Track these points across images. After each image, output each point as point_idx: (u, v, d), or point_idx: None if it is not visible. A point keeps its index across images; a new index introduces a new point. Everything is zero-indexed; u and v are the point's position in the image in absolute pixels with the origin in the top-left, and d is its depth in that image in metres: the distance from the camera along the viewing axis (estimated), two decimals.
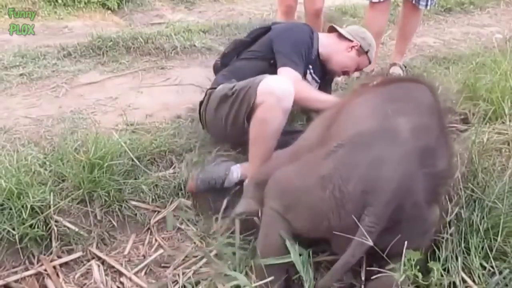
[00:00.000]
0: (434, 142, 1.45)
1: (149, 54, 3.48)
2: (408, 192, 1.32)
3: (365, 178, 1.33)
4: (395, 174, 1.31)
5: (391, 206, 1.30)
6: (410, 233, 1.36)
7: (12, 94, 2.79)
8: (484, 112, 2.17)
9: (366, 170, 1.34)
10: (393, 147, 1.36)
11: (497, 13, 5.38)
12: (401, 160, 1.33)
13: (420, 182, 1.35)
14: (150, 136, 2.28)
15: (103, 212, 1.89)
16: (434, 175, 1.41)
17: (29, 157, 1.98)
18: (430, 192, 1.40)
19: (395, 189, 1.30)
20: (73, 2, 4.59)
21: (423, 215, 1.40)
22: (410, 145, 1.36)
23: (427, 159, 1.38)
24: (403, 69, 3.32)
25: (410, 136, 1.37)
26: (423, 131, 1.43)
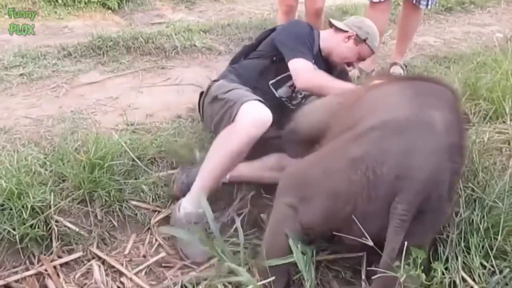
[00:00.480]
0: (459, 139, 1.48)
1: (150, 54, 3.47)
2: (437, 184, 1.33)
3: (399, 164, 1.33)
4: (428, 164, 1.32)
5: (422, 195, 1.30)
6: (431, 225, 1.39)
7: (12, 94, 2.79)
8: (484, 111, 2.17)
9: (400, 156, 1.34)
10: (427, 138, 1.37)
11: (497, 12, 5.37)
12: (434, 151, 1.35)
13: (446, 176, 1.37)
14: (151, 136, 2.28)
15: (104, 212, 1.90)
16: (456, 171, 1.44)
17: (29, 157, 1.98)
18: (451, 187, 1.42)
19: (426, 179, 1.31)
20: (73, 2, 4.60)
21: (444, 208, 1.41)
22: (443, 139, 1.38)
23: (453, 154, 1.41)
24: (403, 69, 3.31)
25: (444, 130, 1.39)
26: (452, 127, 1.44)
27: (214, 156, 1.86)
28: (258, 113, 1.86)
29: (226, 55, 3.61)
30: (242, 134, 1.82)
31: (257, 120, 1.83)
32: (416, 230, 1.34)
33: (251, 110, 1.87)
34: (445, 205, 1.41)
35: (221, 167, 1.85)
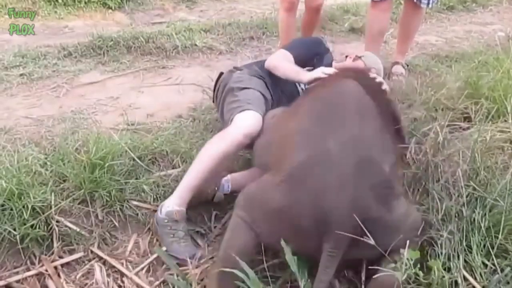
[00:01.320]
0: (373, 146, 1.50)
1: (150, 53, 3.48)
2: (358, 211, 1.36)
3: (313, 213, 1.38)
4: (339, 200, 1.37)
5: (346, 230, 1.34)
6: (384, 237, 1.39)
7: (12, 95, 2.79)
8: (486, 110, 2.16)
9: (312, 204, 1.39)
10: (328, 174, 1.41)
11: (499, 11, 5.35)
12: (340, 184, 1.38)
13: (367, 194, 1.39)
14: (151, 136, 2.28)
15: (105, 212, 1.89)
16: (382, 179, 1.45)
17: (29, 157, 1.98)
18: (383, 195, 1.43)
19: (343, 215, 1.35)
20: (74, 2, 4.59)
21: (386, 218, 1.42)
22: (344, 166, 1.41)
23: (367, 169, 1.42)
24: (405, 68, 3.30)
25: (343, 156, 1.43)
26: (356, 142, 1.47)
27: (202, 157, 1.90)
28: (249, 122, 1.94)
29: (227, 55, 3.62)
30: (229, 139, 1.90)
31: (246, 129, 1.92)
32: (381, 245, 1.38)
33: (245, 120, 1.95)
34: (386, 215, 1.42)
35: (208, 168, 1.88)
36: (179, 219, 1.81)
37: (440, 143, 1.92)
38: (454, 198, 1.67)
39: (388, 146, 1.60)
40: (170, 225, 1.80)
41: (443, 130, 1.94)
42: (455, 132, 2.11)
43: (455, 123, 2.18)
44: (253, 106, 2.03)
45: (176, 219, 1.81)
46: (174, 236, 1.79)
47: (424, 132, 2.13)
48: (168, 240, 1.80)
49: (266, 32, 4.06)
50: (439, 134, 1.95)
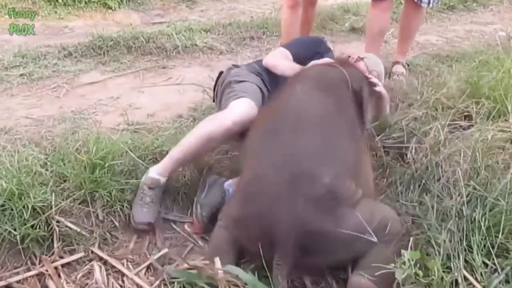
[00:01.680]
0: (307, 160, 1.53)
1: (150, 53, 3.48)
2: (297, 225, 1.42)
3: (259, 228, 1.48)
4: (279, 217, 1.44)
5: (289, 243, 1.43)
6: (335, 246, 1.47)
7: (12, 95, 2.80)
8: (487, 109, 2.16)
9: (257, 220, 1.49)
10: (267, 192, 1.50)
11: (500, 10, 5.34)
12: (277, 201, 1.46)
13: (304, 208, 1.44)
14: (152, 136, 2.28)
15: (105, 212, 1.88)
16: (319, 192, 1.47)
17: (30, 157, 1.98)
18: (325, 207, 1.47)
19: (284, 230, 1.43)
20: (74, 2, 4.60)
21: (330, 229, 1.45)
22: (279, 184, 1.48)
23: (301, 184, 1.47)
24: (406, 68, 3.30)
25: (278, 174, 1.50)
26: (289, 158, 1.53)
27: (190, 134, 1.95)
28: (243, 111, 1.93)
29: (228, 55, 3.62)
30: (217, 121, 1.91)
31: (238, 117, 1.91)
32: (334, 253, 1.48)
33: (238, 107, 1.96)
34: (332, 224, 1.45)
35: (194, 144, 1.92)
36: (153, 186, 1.90)
37: (440, 142, 1.91)
38: (454, 198, 1.67)
39: (332, 156, 1.59)
40: (143, 189, 1.90)
41: (444, 129, 1.94)
42: (455, 131, 2.10)
43: (455, 122, 2.17)
44: (248, 95, 2.04)
45: (150, 186, 1.89)
46: (142, 200, 1.89)
47: (425, 132, 2.14)
48: (135, 201, 1.90)
49: (267, 32, 4.06)
50: (440, 133, 1.95)
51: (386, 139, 2.17)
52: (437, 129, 2.02)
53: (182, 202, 2.03)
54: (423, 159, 1.97)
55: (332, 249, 1.48)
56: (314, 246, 1.46)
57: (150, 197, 1.89)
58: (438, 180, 1.78)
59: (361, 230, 1.46)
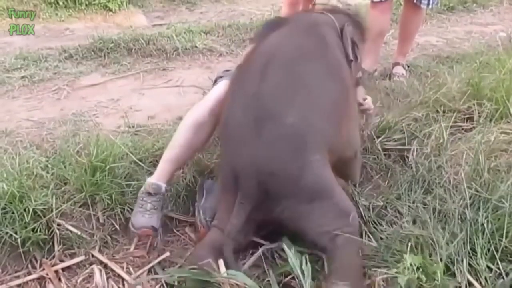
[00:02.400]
0: (273, 102, 1.55)
1: (151, 55, 3.48)
2: (259, 164, 1.47)
3: (229, 168, 1.59)
4: (242, 157, 1.52)
5: (251, 184, 1.48)
6: (297, 199, 1.49)
7: (14, 97, 2.80)
8: (489, 111, 2.15)
9: (227, 160, 1.62)
10: (235, 134, 1.58)
11: (500, 11, 5.34)
12: (242, 142, 1.53)
13: (267, 148, 1.48)
14: (152, 138, 2.27)
15: (106, 215, 1.87)
16: (284, 133, 1.50)
17: (31, 160, 1.97)
18: (289, 149, 1.49)
19: (246, 169, 1.49)
20: (75, 4, 4.59)
21: (294, 173, 1.48)
22: (245, 126, 1.53)
23: (266, 123, 1.50)
24: (406, 69, 3.30)
25: (244, 115, 1.55)
26: (260, 96, 1.55)
27: (179, 129, 1.91)
28: (223, 90, 1.86)
29: (227, 56, 3.61)
30: (204, 106, 1.87)
31: (219, 96, 1.86)
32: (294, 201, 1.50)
33: (220, 87, 1.92)
34: (297, 172, 1.48)
35: (184, 137, 1.87)
36: (152, 191, 1.83)
37: (443, 144, 1.91)
38: (457, 200, 1.66)
39: (301, 97, 1.58)
40: (142, 197, 1.84)
41: (447, 131, 1.93)
42: (457, 133, 2.10)
43: (457, 124, 2.17)
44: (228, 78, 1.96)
45: (149, 191, 1.83)
46: (142, 207, 1.82)
47: (426, 133, 2.13)
48: (135, 210, 1.83)
49: None
50: (443, 135, 1.95)
51: (386, 141, 2.16)
52: (439, 131, 2.01)
53: (184, 204, 2.02)
54: (425, 161, 1.96)
55: (291, 199, 1.48)
56: (275, 189, 1.48)
57: (151, 204, 1.81)
58: (440, 182, 1.77)
59: (324, 190, 1.52)
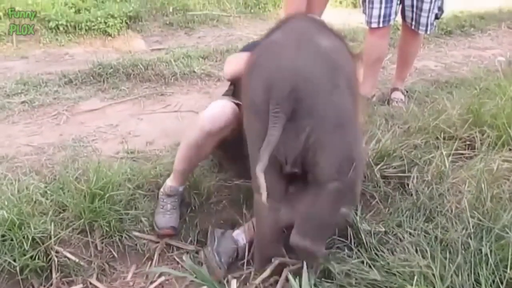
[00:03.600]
0: (317, 34, 1.65)
1: (149, 80, 3.50)
2: (296, 77, 1.50)
3: (260, 81, 1.56)
4: (279, 68, 1.53)
5: (285, 88, 1.49)
6: (324, 113, 1.54)
7: (14, 122, 2.80)
8: (490, 138, 2.15)
9: (259, 73, 1.59)
10: (274, 53, 1.60)
11: (498, 35, 5.39)
12: (281, 57, 1.55)
13: (305, 61, 1.53)
14: (150, 165, 2.26)
15: (104, 243, 1.86)
16: (323, 50, 1.58)
17: (30, 186, 1.98)
18: (325, 72, 1.55)
19: (282, 79, 1.50)
20: (74, 29, 4.63)
21: (324, 95, 1.54)
22: (286, 46, 1.57)
23: (306, 44, 1.58)
24: (404, 94, 3.31)
25: (286, 39, 1.61)
26: (301, 32, 1.65)
27: (182, 144, 1.95)
28: (216, 109, 1.86)
29: (225, 81, 3.62)
30: (198, 128, 1.85)
31: (213, 116, 1.83)
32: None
33: (213, 107, 1.89)
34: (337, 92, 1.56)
35: (183, 155, 1.93)
36: (171, 193, 1.99)
37: (444, 172, 1.90)
38: (460, 229, 1.64)
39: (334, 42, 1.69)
40: (163, 198, 2.00)
41: (449, 158, 1.93)
42: (458, 161, 2.09)
43: (458, 152, 2.16)
44: (229, 98, 1.98)
45: (168, 193, 1.99)
46: (163, 208, 1.98)
47: (426, 161, 2.13)
48: (157, 210, 1.99)
49: None
50: (445, 162, 1.94)
51: (386, 168, 2.15)
52: (439, 158, 2.00)
53: (184, 230, 2.00)
54: (425, 188, 1.95)
55: (318, 118, 1.53)
56: (307, 98, 1.51)
57: (171, 204, 1.97)
58: (442, 210, 1.76)
59: (346, 118, 1.60)
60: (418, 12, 2.97)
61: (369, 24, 3.05)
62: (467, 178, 1.84)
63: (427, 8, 2.93)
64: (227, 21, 5.52)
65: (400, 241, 1.72)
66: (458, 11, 5.65)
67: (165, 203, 1.98)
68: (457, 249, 1.58)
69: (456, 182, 1.92)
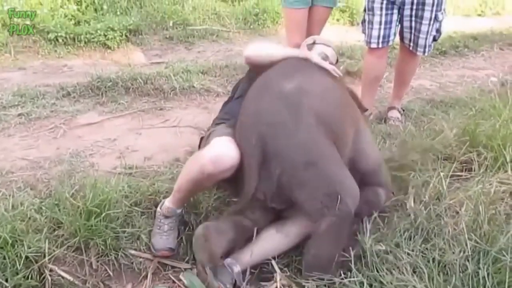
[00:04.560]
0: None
1: (148, 94, 3.49)
2: (255, 118, 1.70)
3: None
4: (241, 120, 1.79)
5: (252, 137, 1.66)
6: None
7: (10, 135, 2.77)
8: (485, 160, 2.16)
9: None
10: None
11: (491, 56, 5.47)
12: (243, 109, 1.81)
13: (267, 105, 1.73)
14: (148, 181, 2.24)
15: (99, 261, 1.84)
16: (283, 94, 1.74)
17: (25, 202, 1.95)
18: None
19: (243, 129, 1.73)
20: (74, 41, 4.62)
21: (292, 130, 1.66)
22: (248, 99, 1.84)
23: (266, 91, 1.78)
24: (401, 113, 3.33)
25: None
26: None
27: (183, 175, 1.91)
28: (220, 151, 1.79)
29: (224, 97, 3.62)
30: (199, 167, 1.79)
31: (216, 158, 1.76)
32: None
33: (215, 146, 1.83)
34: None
35: (183, 187, 1.90)
36: (168, 214, 1.96)
37: (442, 194, 1.91)
38: (457, 251, 1.65)
39: (305, 78, 1.86)
40: (160, 218, 1.98)
41: (447, 180, 1.93)
42: (455, 182, 2.10)
43: (456, 174, 2.17)
44: (228, 134, 1.90)
45: (165, 214, 1.97)
46: (160, 228, 1.96)
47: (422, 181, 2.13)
48: (154, 231, 1.97)
49: None
50: (442, 183, 1.95)
51: None
52: (437, 179, 2.01)
53: (182, 249, 1.99)
54: (422, 208, 1.95)
55: (287, 159, 1.64)
56: (273, 143, 1.65)
57: (168, 225, 1.95)
58: (440, 232, 1.76)
59: (317, 155, 1.70)
60: (416, 34, 3.00)
61: (369, 44, 3.08)
62: (464, 199, 1.85)
63: (425, 30, 2.96)
64: (227, 36, 5.55)
65: (399, 261, 1.72)
66: (451, 31, 5.72)
67: (162, 224, 1.96)
68: (455, 272, 1.59)
69: (453, 203, 1.93)
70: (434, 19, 2.93)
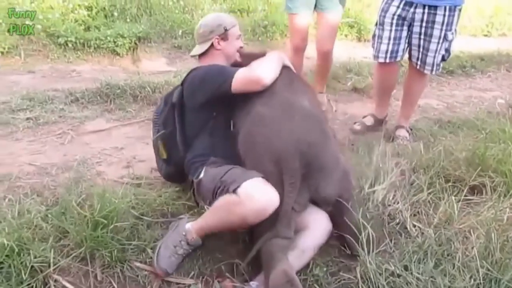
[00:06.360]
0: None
1: (156, 103, 3.46)
2: (294, 141, 1.78)
3: (270, 155, 1.83)
4: (275, 144, 1.81)
5: (294, 158, 1.74)
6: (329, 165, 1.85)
7: (17, 139, 2.77)
8: (500, 187, 2.14)
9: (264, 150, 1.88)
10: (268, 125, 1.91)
11: (498, 77, 5.45)
12: (277, 129, 1.86)
13: (301, 125, 1.85)
14: (155, 193, 2.22)
15: (105, 273, 1.80)
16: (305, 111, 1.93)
17: (31, 209, 1.94)
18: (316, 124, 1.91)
19: (283, 152, 1.77)
20: (83, 46, 4.64)
21: (323, 141, 1.85)
22: (277, 118, 1.89)
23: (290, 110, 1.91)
24: (409, 132, 3.32)
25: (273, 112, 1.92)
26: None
27: (213, 217, 1.85)
28: (264, 203, 1.72)
29: None
30: (240, 218, 1.74)
31: (261, 211, 1.71)
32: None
33: (257, 196, 1.73)
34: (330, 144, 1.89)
35: (215, 227, 1.87)
36: (191, 243, 1.88)
37: (453, 218, 1.89)
38: (468, 278, 1.63)
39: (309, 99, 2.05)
40: (181, 240, 1.87)
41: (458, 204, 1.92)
42: (465, 206, 2.08)
43: (466, 198, 2.15)
44: (254, 174, 1.81)
45: (189, 243, 1.87)
46: (175, 248, 1.87)
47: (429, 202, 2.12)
48: (167, 244, 1.88)
49: None
50: (453, 207, 1.93)
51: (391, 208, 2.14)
52: (447, 203, 1.99)
53: (187, 264, 1.96)
54: (431, 230, 1.94)
55: (328, 168, 1.83)
56: (315, 158, 1.78)
57: (183, 250, 1.88)
58: (451, 258, 1.74)
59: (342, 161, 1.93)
60: (425, 52, 3.01)
61: (376, 58, 3.10)
62: (475, 224, 1.83)
63: (434, 48, 2.97)
64: None
65: (407, 285, 1.70)
66: (458, 50, 5.72)
67: (180, 247, 1.86)
68: None
69: (463, 228, 1.91)
70: (443, 38, 2.94)
